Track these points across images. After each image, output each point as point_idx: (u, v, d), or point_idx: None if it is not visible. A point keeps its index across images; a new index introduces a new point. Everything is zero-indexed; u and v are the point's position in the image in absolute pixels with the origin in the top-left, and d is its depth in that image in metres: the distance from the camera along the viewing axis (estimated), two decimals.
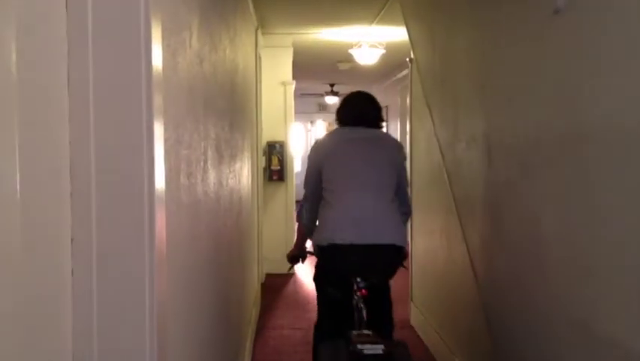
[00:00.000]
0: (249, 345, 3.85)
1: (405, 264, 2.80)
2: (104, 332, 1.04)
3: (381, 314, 2.72)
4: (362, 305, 2.55)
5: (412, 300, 4.78)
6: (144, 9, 1.05)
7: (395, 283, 4.34)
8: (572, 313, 1.97)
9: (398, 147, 2.85)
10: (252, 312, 4.44)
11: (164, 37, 1.23)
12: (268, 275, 6.32)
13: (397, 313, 4.72)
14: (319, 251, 2.64)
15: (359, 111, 2.82)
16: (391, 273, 2.71)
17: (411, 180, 4.48)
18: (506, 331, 2.65)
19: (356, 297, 2.58)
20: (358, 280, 2.56)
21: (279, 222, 6.59)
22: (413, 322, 4.68)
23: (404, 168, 2.87)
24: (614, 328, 1.70)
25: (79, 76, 1.02)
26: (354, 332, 2.40)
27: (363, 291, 2.55)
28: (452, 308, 3.67)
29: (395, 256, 2.63)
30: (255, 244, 5.20)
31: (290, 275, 6.33)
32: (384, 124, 2.95)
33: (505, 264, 2.66)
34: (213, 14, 2.30)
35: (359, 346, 2.20)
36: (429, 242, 4.27)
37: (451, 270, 3.65)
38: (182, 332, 1.53)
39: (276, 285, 6.07)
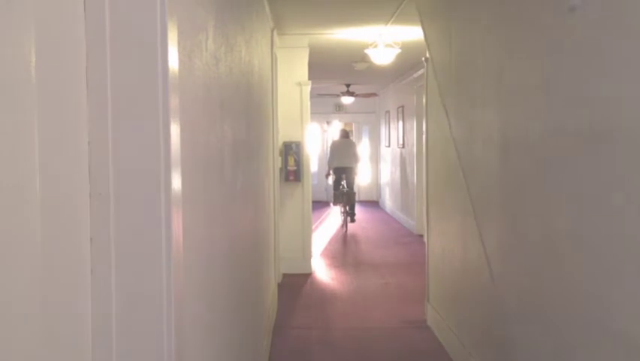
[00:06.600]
0: (266, 345, 3.87)
1: (355, 176, 10.51)
2: (122, 331, 1.06)
3: (351, 185, 10.16)
4: (344, 183, 10.11)
5: (428, 300, 4.76)
6: (160, 12, 1.07)
7: (411, 282, 5.39)
8: (589, 312, 1.95)
9: (354, 144, 10.64)
10: (270, 312, 4.45)
11: (180, 39, 1.25)
12: (285, 275, 6.34)
13: (413, 313, 4.78)
14: (332, 169, 10.29)
15: (342, 134, 10.57)
16: (351, 174, 10.18)
17: (427, 179, 4.91)
18: (523, 331, 2.63)
19: (342, 181, 10.15)
20: (342, 176, 10.11)
21: (296, 222, 6.59)
22: (430, 322, 4.67)
23: (355, 149, 10.35)
24: (631, 327, 1.69)
25: (97, 78, 1.03)
26: (340, 188, 10.12)
27: (344, 178, 10.12)
28: (469, 308, 3.65)
29: (351, 169, 10.17)
30: (272, 245, 5.22)
31: (307, 275, 6.48)
32: (352, 137, 12.48)
33: (521, 263, 2.65)
34: (229, 16, 2.32)
35: (340, 189, 10.12)
36: (445, 242, 4.26)
37: (467, 270, 3.64)
38: (199, 331, 1.55)
39: (293, 285, 6.09)
